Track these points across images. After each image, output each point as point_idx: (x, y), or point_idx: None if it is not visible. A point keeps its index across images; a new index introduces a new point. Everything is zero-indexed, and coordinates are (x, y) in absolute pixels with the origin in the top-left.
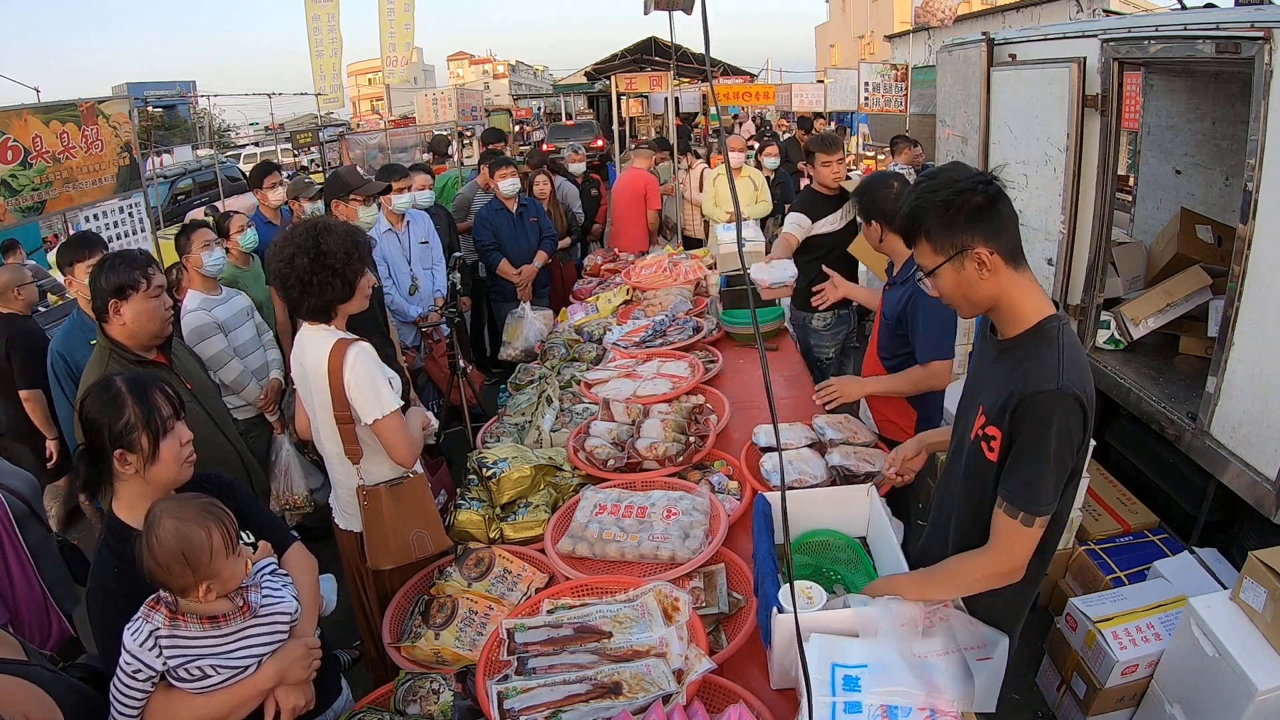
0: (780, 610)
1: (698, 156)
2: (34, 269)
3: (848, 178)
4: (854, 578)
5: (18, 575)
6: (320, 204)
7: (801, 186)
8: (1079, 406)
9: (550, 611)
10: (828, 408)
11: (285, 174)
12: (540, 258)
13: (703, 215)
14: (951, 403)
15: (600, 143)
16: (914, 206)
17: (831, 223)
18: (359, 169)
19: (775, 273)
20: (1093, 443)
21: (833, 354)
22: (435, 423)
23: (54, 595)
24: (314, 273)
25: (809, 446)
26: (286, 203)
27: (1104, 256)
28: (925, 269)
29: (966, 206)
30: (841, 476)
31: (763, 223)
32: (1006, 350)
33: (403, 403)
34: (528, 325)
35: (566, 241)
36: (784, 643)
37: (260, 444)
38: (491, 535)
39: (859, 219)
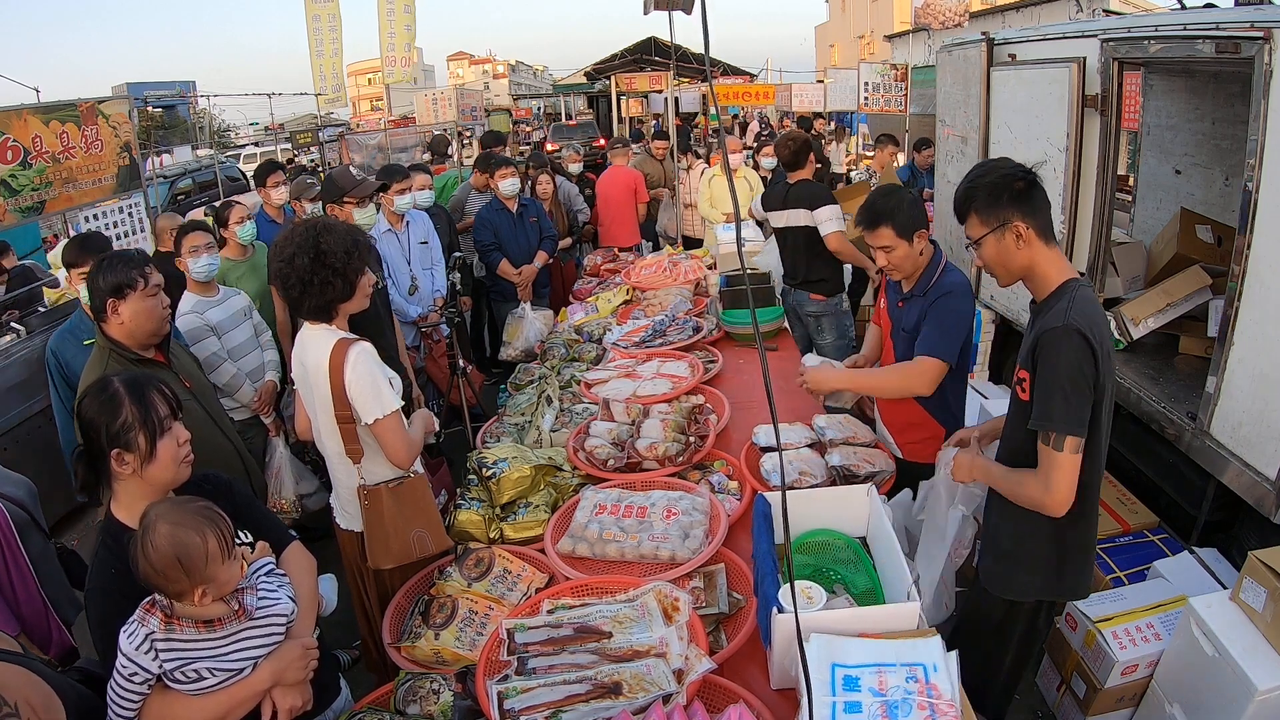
0: (780, 610)
1: (698, 156)
2: (34, 267)
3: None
4: (854, 578)
5: (19, 586)
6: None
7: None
8: (1083, 339)
9: (550, 611)
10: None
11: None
12: (540, 258)
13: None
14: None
15: (602, 142)
16: (968, 187)
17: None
18: (352, 170)
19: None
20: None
21: (831, 340)
22: (436, 423)
23: (55, 605)
24: (314, 272)
25: (809, 446)
26: (289, 202)
27: (1104, 256)
28: (972, 239)
29: (1010, 189)
30: (841, 476)
31: (760, 222)
32: (1037, 312)
33: (403, 403)
34: (528, 325)
35: (568, 241)
36: (784, 643)
37: (256, 445)
38: (491, 535)
39: (899, 238)
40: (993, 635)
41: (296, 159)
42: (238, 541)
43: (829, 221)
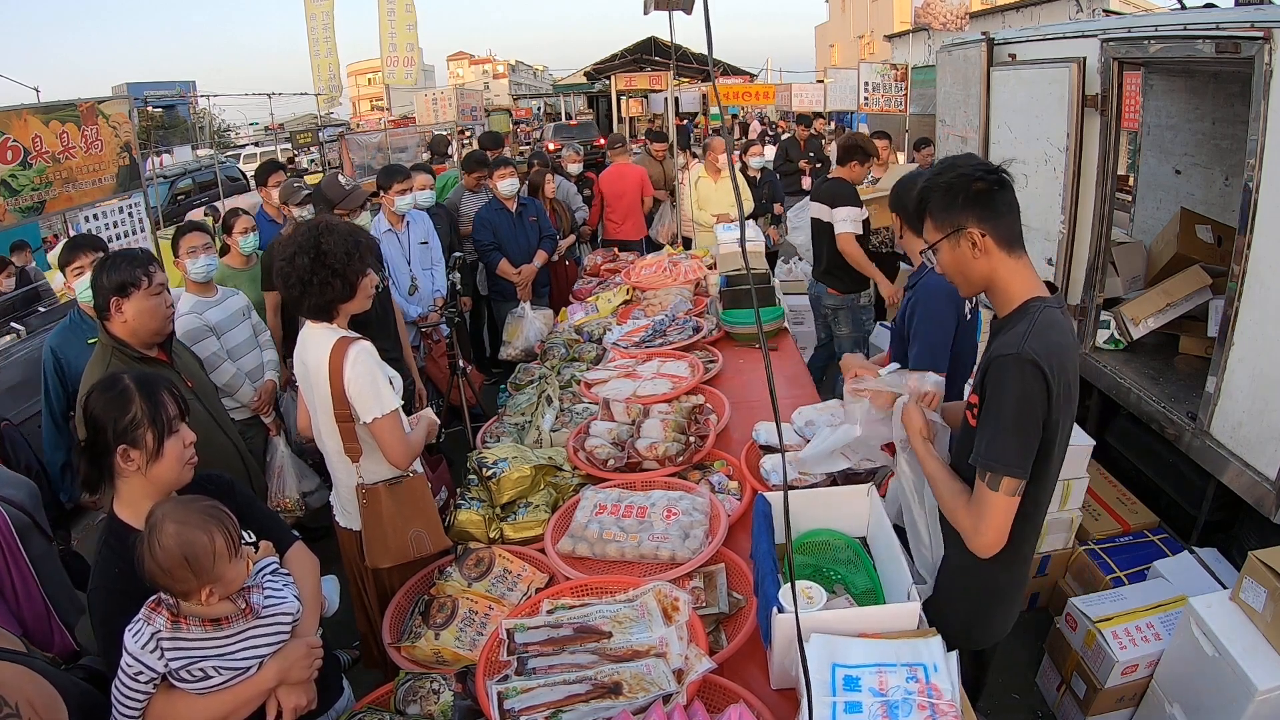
0: (780, 610)
1: (695, 156)
2: (33, 271)
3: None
4: (854, 578)
5: (21, 590)
6: (309, 209)
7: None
8: (1037, 371)
9: (550, 611)
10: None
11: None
12: (540, 257)
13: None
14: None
15: (601, 141)
16: (924, 187)
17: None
18: (340, 178)
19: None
20: (1091, 442)
21: (846, 332)
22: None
23: (57, 608)
24: (314, 272)
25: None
26: (280, 205)
27: (1104, 256)
28: (927, 243)
29: (967, 190)
30: (842, 476)
31: (755, 216)
32: (997, 330)
33: (402, 403)
34: (528, 325)
35: (571, 239)
36: (784, 643)
37: (256, 445)
38: (491, 535)
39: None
40: None
41: (297, 159)
42: (243, 541)
43: (844, 222)
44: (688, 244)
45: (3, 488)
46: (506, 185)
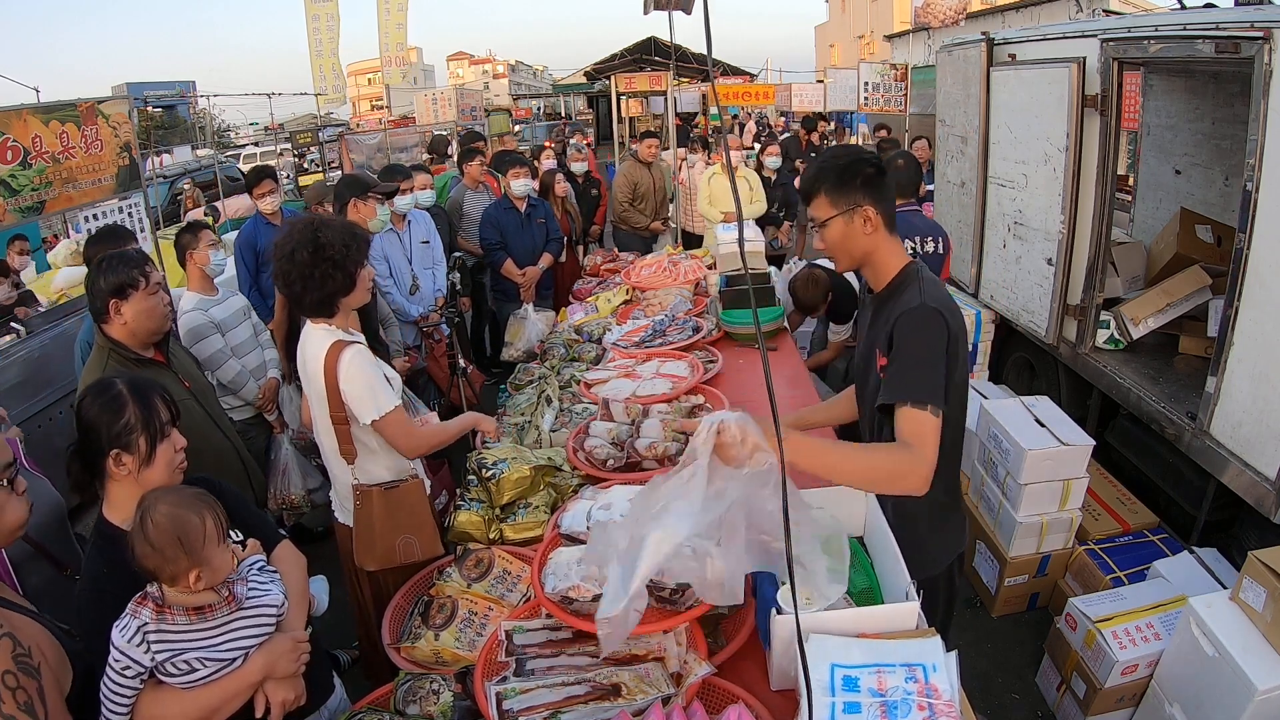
0: (779, 611)
1: (706, 151)
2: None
3: None
4: (852, 577)
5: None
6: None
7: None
8: (941, 319)
9: (549, 614)
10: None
11: (284, 175)
12: (546, 260)
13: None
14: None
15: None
16: (819, 168)
17: None
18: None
19: None
20: (1091, 442)
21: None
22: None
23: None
24: (314, 266)
25: None
26: (308, 207)
27: (1104, 256)
28: (819, 219)
29: (862, 173)
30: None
31: (763, 224)
32: (882, 300)
33: (401, 400)
34: (530, 326)
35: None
36: (783, 643)
37: (259, 444)
38: (491, 536)
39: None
40: None
41: (298, 160)
42: (230, 539)
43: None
44: (688, 241)
45: None
46: (519, 185)
